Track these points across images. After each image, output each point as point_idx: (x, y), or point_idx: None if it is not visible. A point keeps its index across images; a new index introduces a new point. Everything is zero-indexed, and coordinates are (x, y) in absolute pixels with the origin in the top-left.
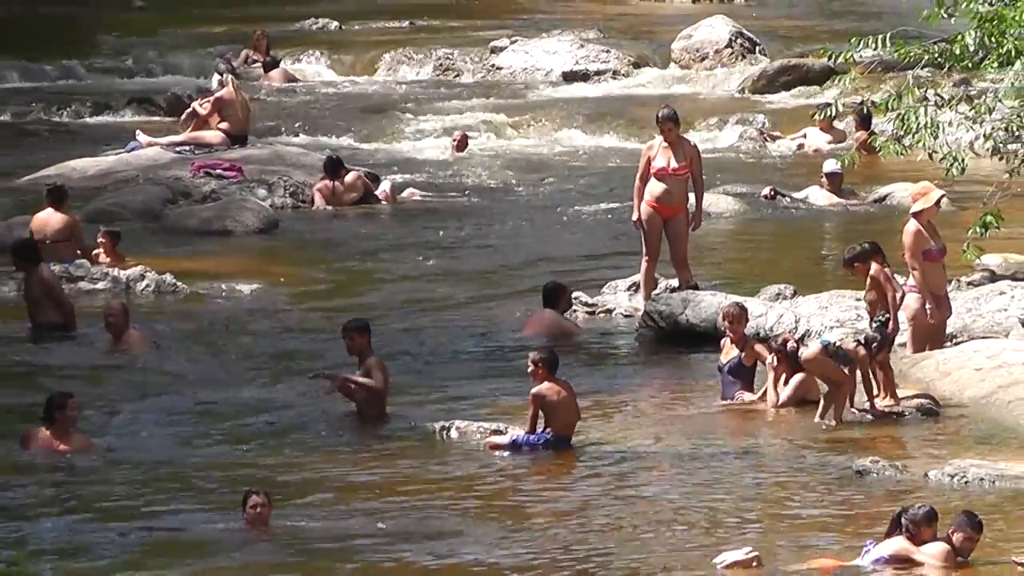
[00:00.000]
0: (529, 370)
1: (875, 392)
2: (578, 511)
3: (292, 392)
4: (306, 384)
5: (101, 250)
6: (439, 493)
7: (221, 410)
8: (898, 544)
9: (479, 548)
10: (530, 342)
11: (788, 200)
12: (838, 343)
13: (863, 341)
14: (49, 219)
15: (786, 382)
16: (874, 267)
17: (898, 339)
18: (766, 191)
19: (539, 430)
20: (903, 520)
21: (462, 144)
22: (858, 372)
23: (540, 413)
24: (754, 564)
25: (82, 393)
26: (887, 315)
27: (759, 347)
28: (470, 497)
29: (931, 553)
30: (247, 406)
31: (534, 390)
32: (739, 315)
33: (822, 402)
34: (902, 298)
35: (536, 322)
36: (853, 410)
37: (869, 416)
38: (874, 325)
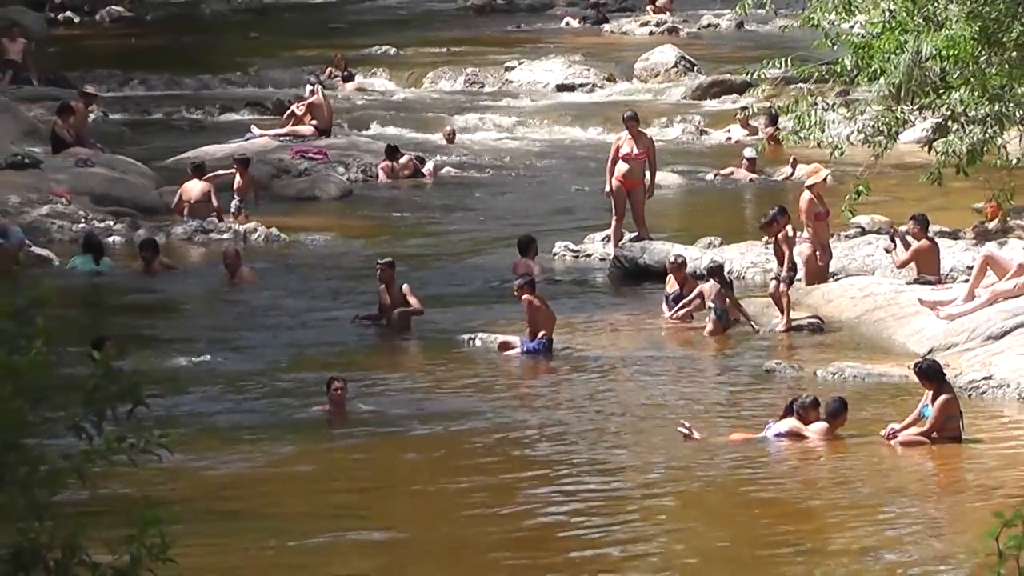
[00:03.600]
0: (515, 294)
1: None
2: (562, 396)
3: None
4: (370, 305)
5: (238, 176)
6: (467, 384)
7: (307, 327)
8: (791, 423)
9: (497, 421)
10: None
11: (719, 177)
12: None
13: (777, 279)
14: (193, 186)
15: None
16: (782, 234)
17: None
18: (710, 175)
19: (537, 338)
20: (794, 406)
21: (451, 136)
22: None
23: (535, 320)
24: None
25: (205, 315)
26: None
27: (692, 282)
28: (489, 386)
29: (815, 430)
30: (326, 324)
31: (525, 297)
32: (679, 267)
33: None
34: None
35: (520, 267)
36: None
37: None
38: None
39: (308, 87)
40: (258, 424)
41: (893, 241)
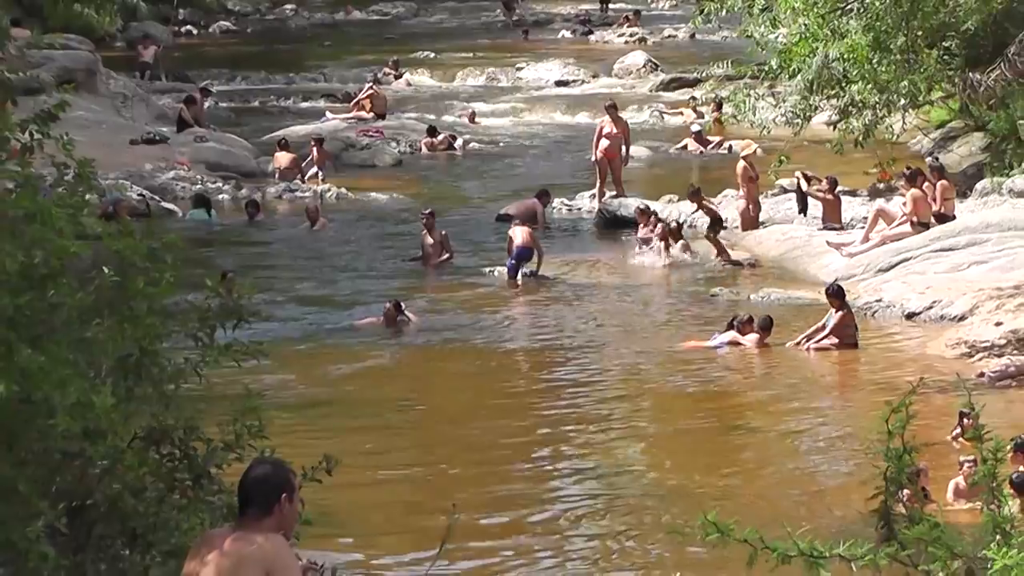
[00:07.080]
0: None
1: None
2: (556, 314)
3: (408, 253)
4: (416, 249)
5: (315, 149)
6: (482, 304)
7: (369, 264)
8: (732, 335)
9: (500, 332)
10: (516, 218)
11: (675, 150)
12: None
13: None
14: (283, 157)
15: (675, 242)
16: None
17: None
18: (672, 150)
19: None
20: (735, 322)
21: (472, 117)
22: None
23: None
24: None
25: (292, 254)
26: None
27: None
28: (497, 305)
29: (750, 340)
30: (381, 262)
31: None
32: (644, 213)
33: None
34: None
35: (520, 205)
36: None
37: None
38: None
39: (368, 82)
40: (332, 338)
41: (806, 178)
